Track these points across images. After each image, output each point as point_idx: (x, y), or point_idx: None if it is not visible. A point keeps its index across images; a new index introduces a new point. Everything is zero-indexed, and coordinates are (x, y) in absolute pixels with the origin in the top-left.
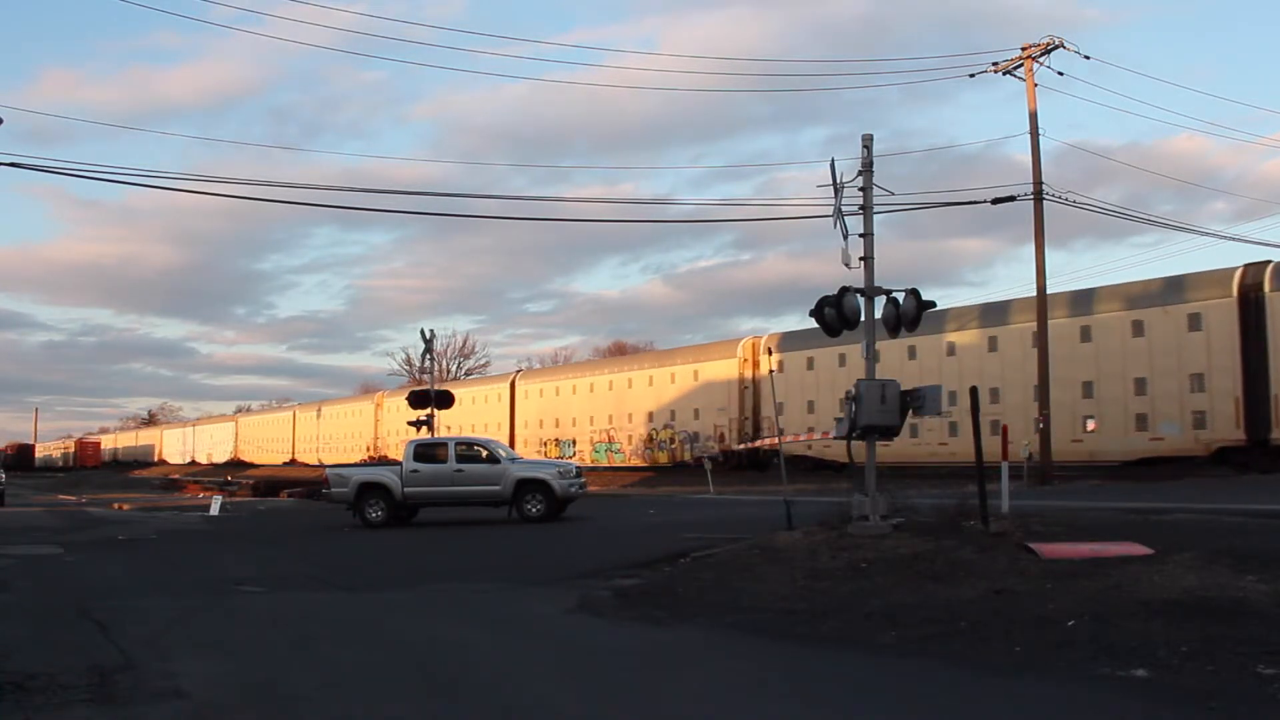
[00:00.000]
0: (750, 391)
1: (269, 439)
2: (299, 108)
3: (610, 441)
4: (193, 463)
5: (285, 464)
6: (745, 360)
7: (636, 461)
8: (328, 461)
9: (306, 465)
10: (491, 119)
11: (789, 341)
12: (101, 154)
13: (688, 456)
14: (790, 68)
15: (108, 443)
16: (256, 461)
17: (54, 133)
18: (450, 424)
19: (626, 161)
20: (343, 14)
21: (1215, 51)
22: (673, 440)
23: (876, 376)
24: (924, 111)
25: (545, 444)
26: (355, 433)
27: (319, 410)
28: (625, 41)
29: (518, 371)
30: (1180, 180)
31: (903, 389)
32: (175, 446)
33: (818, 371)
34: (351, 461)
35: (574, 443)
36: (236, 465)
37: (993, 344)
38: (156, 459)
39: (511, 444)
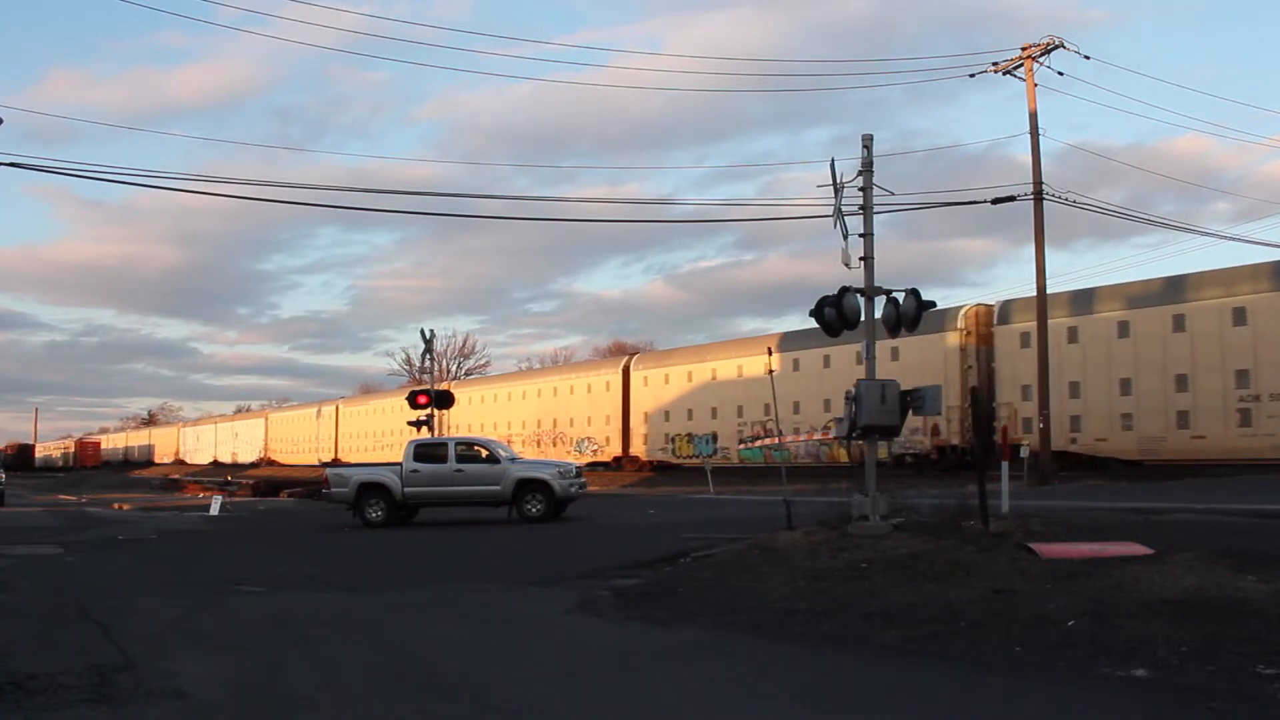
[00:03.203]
0: (974, 372)
1: (305, 437)
2: (303, 108)
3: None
4: (214, 463)
5: (327, 464)
6: (968, 334)
7: (808, 462)
8: (388, 460)
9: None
10: (495, 119)
11: (1020, 310)
12: (105, 154)
13: (884, 454)
14: (794, 68)
15: (116, 441)
16: (291, 462)
17: (57, 133)
18: (540, 417)
19: (630, 162)
20: (348, 14)
21: (1218, 52)
22: None
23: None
24: (928, 112)
25: (673, 439)
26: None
27: (366, 404)
28: (629, 42)
29: (632, 355)
30: (1183, 181)
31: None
32: (193, 445)
33: (1084, 346)
34: None
35: (714, 438)
36: (266, 466)
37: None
38: (173, 459)
39: (625, 440)
